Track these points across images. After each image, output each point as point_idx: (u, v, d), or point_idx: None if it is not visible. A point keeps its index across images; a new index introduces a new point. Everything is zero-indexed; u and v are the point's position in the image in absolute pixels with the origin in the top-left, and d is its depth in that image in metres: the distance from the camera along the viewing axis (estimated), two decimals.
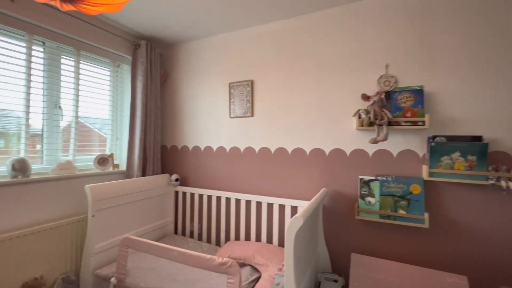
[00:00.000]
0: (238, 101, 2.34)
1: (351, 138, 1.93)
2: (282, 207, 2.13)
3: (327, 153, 2.00)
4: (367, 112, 1.77)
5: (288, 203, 2.07)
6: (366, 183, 1.81)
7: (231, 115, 2.38)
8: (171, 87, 2.77)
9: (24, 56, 1.82)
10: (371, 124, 1.73)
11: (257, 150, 2.27)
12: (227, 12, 2.07)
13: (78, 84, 2.15)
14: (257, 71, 2.28)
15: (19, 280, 1.64)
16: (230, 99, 2.38)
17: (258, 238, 2.22)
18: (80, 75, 2.17)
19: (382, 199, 1.74)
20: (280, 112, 2.18)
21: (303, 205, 2.01)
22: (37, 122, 1.92)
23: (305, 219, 1.21)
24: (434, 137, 1.64)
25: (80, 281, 1.90)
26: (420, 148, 1.73)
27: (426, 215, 1.62)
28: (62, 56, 2.05)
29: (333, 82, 1.99)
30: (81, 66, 2.18)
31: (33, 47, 1.87)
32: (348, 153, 1.93)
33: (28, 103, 1.83)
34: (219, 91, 2.46)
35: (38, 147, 1.96)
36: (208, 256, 1.44)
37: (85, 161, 2.23)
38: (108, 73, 2.44)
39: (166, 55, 2.80)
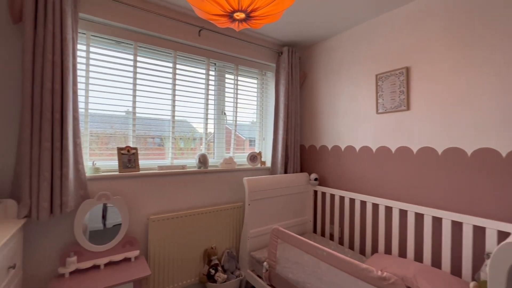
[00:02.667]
0: (388, 94, 2.03)
1: None
2: (457, 225, 1.64)
3: None
4: None
5: (468, 220, 1.56)
6: None
7: (379, 111, 2.10)
8: (309, 88, 2.82)
9: (203, 76, 2.38)
10: None
11: (415, 150, 1.88)
12: None
13: (236, 94, 2.59)
14: (414, 55, 1.89)
15: (202, 247, 2.16)
16: (377, 92, 2.11)
17: (418, 258, 1.82)
18: (238, 86, 2.61)
19: None
20: (452, 102, 1.69)
21: (496, 227, 1.46)
22: (209, 126, 2.46)
23: None
24: None
25: (239, 258, 2.26)
26: None
27: None
28: (226, 71, 2.54)
29: None
30: (239, 78, 2.61)
31: (210, 69, 2.41)
32: None
33: (207, 111, 2.39)
34: (362, 85, 2.24)
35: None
36: (364, 265, 1.31)
37: (240, 158, 2.65)
38: (256, 81, 2.80)
39: (303, 57, 2.88)
